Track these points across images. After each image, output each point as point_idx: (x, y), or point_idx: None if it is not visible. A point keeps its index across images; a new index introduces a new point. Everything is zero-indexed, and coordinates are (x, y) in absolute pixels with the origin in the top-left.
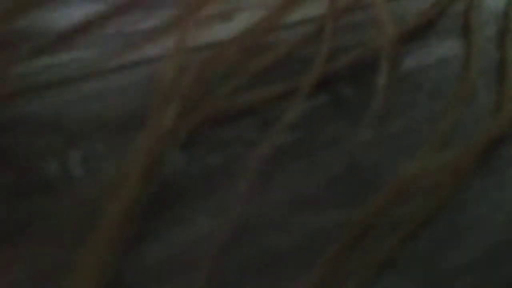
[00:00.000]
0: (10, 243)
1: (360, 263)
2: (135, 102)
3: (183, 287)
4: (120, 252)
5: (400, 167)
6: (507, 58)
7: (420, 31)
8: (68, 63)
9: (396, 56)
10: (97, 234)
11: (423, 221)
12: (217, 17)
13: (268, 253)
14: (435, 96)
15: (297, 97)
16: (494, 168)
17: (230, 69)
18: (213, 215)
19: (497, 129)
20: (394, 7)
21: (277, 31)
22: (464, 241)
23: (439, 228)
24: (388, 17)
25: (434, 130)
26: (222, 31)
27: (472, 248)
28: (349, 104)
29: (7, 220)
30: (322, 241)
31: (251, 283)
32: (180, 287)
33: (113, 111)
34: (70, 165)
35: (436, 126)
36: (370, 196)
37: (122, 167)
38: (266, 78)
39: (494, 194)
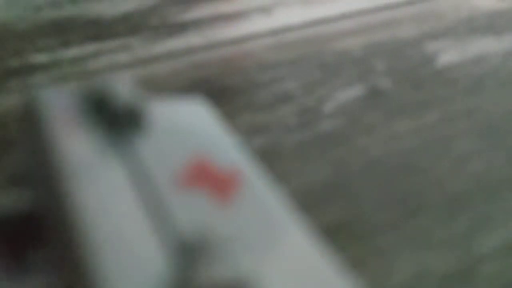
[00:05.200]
0: None
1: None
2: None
3: None
4: None
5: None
6: None
7: (458, 28)
8: (116, 50)
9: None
10: None
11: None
12: (257, 11)
13: None
14: (471, 91)
15: (335, 87)
16: None
17: (269, 60)
18: None
19: None
20: (432, 4)
21: (316, 25)
22: (495, 227)
23: (474, 213)
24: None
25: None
26: (261, 24)
27: (501, 234)
28: (386, 96)
29: None
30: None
31: None
32: None
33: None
34: None
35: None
36: (404, 180)
37: None
38: (303, 69)
39: None
